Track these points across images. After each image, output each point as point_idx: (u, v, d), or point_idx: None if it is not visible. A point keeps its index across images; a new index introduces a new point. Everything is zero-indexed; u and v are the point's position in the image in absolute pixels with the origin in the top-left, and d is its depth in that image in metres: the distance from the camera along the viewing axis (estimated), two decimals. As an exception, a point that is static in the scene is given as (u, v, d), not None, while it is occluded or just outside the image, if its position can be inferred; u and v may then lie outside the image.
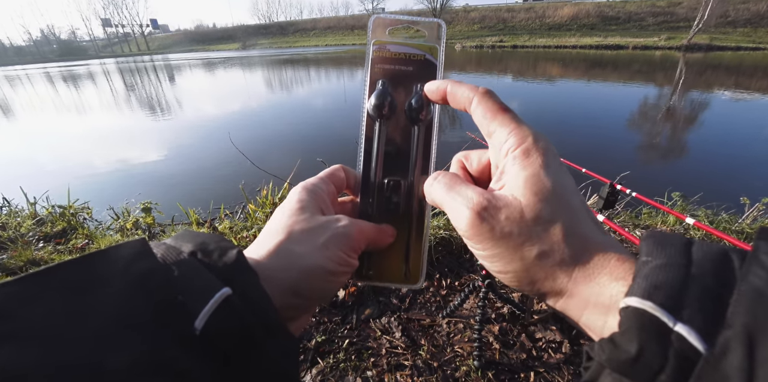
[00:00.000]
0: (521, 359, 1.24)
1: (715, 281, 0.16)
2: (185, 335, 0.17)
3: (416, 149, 0.32)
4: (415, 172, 0.32)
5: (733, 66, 15.99)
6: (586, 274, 0.20)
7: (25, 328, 0.14)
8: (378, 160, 0.32)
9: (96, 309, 0.16)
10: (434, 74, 0.32)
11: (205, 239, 0.23)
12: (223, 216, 2.56)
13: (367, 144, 0.32)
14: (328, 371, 1.21)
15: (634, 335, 0.16)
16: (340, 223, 0.27)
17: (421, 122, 0.31)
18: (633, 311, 0.16)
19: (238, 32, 74.05)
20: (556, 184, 0.22)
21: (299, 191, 0.29)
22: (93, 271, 0.17)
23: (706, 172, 4.19)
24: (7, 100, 13.05)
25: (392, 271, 0.32)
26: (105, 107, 10.77)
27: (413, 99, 0.31)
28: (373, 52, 0.32)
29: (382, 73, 0.32)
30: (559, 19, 39.67)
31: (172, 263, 0.20)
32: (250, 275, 0.21)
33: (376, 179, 0.32)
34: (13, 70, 36.72)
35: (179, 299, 0.18)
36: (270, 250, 0.25)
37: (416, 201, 0.32)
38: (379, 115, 0.31)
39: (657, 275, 0.17)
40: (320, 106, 9.13)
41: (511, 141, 0.24)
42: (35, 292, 0.16)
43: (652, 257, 0.18)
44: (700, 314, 0.15)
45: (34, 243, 2.20)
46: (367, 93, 0.31)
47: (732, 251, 0.17)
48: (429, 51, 0.32)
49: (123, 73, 25.03)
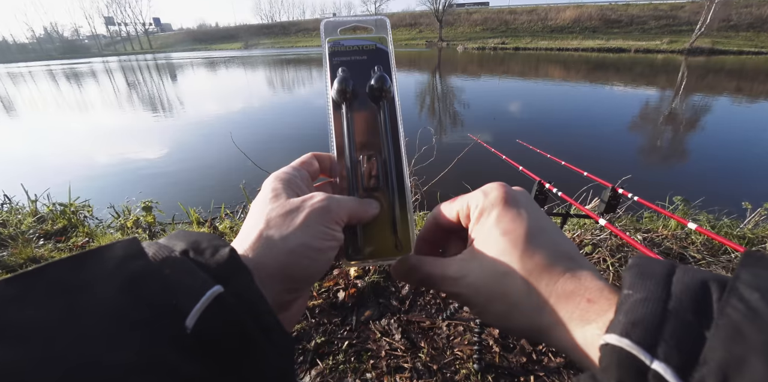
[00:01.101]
0: (521, 362, 1.24)
1: (693, 316, 0.16)
2: (177, 334, 0.17)
3: (384, 124, 0.33)
4: (389, 146, 0.33)
5: (735, 70, 15.99)
6: (560, 319, 0.21)
7: (14, 328, 0.14)
8: (350, 140, 0.33)
9: (86, 309, 0.16)
10: (387, 59, 0.34)
11: (198, 237, 0.23)
12: (223, 215, 2.56)
13: (336, 129, 0.33)
14: (328, 372, 1.21)
15: (613, 373, 0.16)
16: (315, 199, 0.28)
17: (384, 99, 0.33)
18: (611, 349, 0.16)
19: (241, 32, 74.24)
20: (506, 235, 0.24)
21: (272, 181, 0.29)
22: (83, 270, 0.17)
23: (708, 176, 4.19)
24: (10, 98, 13.07)
25: (383, 245, 0.32)
26: (107, 105, 10.79)
27: (373, 79, 0.33)
28: (329, 48, 0.34)
29: (340, 64, 0.34)
30: (561, 22, 39.70)
31: (164, 262, 0.19)
32: (242, 273, 0.21)
33: (351, 158, 0.33)
34: (16, 68, 36.79)
35: (171, 298, 0.18)
36: (253, 241, 0.25)
37: (394, 172, 0.33)
38: (343, 98, 0.33)
39: (636, 310, 0.17)
40: (321, 105, 9.14)
41: (473, 207, 0.27)
42: (25, 292, 0.16)
43: (633, 289, 0.18)
44: (676, 351, 0.15)
45: (35, 240, 2.20)
46: (329, 83, 0.33)
47: (712, 281, 0.17)
48: (379, 40, 0.35)
49: (125, 72, 25.09)
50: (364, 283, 1.59)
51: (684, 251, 1.68)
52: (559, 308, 0.21)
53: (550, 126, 6.53)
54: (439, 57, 26.75)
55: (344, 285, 1.60)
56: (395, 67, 0.35)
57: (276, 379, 0.20)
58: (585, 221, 1.94)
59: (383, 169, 0.33)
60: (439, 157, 2.33)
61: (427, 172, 2.20)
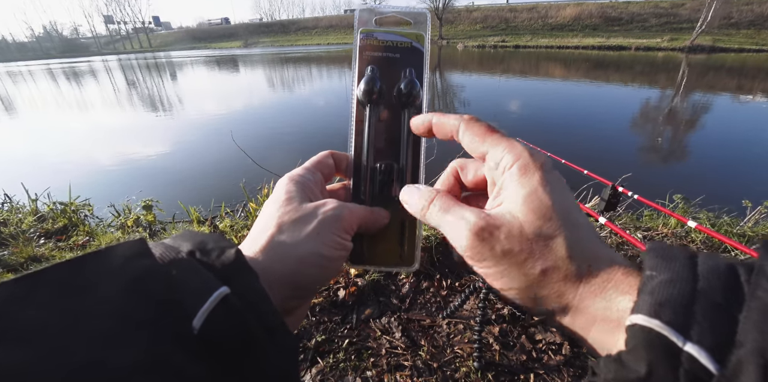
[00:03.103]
0: (521, 360, 1.24)
1: (723, 297, 0.16)
2: (183, 335, 0.17)
3: (407, 133, 0.32)
4: (407, 155, 0.32)
5: (736, 68, 15.95)
6: (593, 289, 0.20)
7: (17, 328, 0.14)
8: (369, 145, 0.32)
9: (91, 309, 0.16)
10: (421, 60, 0.32)
11: (204, 238, 0.22)
12: (224, 214, 2.56)
13: (357, 129, 0.32)
14: (328, 370, 1.21)
15: (642, 355, 0.15)
16: (328, 206, 0.27)
17: (411, 106, 0.32)
18: (640, 330, 0.16)
19: (240, 30, 74.01)
20: (555, 201, 0.22)
21: (285, 183, 0.29)
22: (89, 271, 0.17)
23: (708, 174, 4.19)
24: (9, 96, 13.05)
25: (387, 254, 0.32)
26: (107, 104, 10.78)
27: (402, 84, 0.31)
28: (360, 40, 0.32)
29: (370, 60, 0.32)
30: (561, 20, 39.57)
31: (170, 263, 0.19)
32: (248, 274, 0.21)
33: (367, 164, 0.32)
34: (15, 66, 36.71)
35: (177, 298, 0.18)
36: (263, 245, 0.25)
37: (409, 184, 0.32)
38: (368, 100, 0.31)
39: (663, 290, 0.16)
40: (322, 104, 9.13)
41: (507, 158, 0.24)
42: (29, 292, 0.15)
43: (657, 271, 0.17)
44: (710, 333, 0.15)
45: (35, 240, 2.21)
46: (356, 80, 0.32)
47: (738, 265, 0.17)
48: (416, 39, 0.32)
49: (125, 70, 25.04)
50: (365, 281, 1.59)
51: (684, 249, 1.68)
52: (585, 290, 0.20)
53: (550, 124, 6.52)
54: (439, 55, 26.69)
55: (344, 283, 1.60)
56: (428, 71, 0.32)
57: (279, 379, 0.20)
58: (585, 220, 1.94)
59: (399, 179, 0.32)
60: (439, 155, 2.32)
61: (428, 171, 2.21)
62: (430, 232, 1.79)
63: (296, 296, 0.25)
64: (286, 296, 0.24)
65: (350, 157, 0.32)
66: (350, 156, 0.32)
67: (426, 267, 1.67)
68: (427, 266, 1.68)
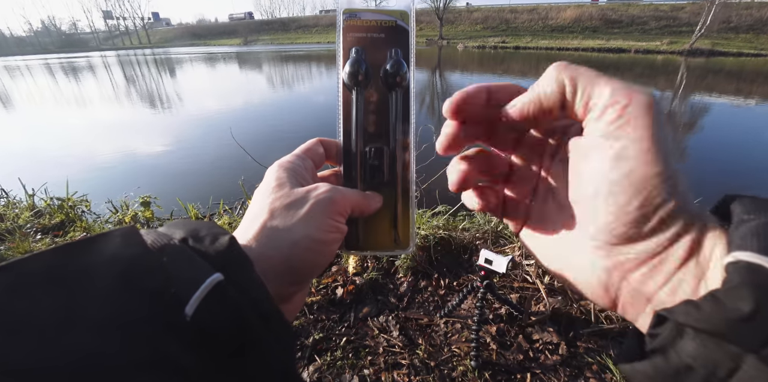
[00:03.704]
0: (518, 360, 1.25)
1: None
2: (176, 322, 0.17)
3: (395, 115, 0.31)
4: (396, 138, 0.31)
5: (735, 72, 16.02)
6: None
7: (12, 321, 0.14)
8: (357, 129, 0.31)
9: (83, 298, 0.16)
10: (407, 40, 0.31)
11: (197, 226, 0.22)
12: (222, 212, 2.55)
13: (345, 113, 0.32)
14: (325, 368, 1.21)
15: (748, 293, 0.14)
16: (320, 190, 0.27)
17: (399, 87, 0.31)
18: (746, 267, 0.15)
19: (240, 27, 73.73)
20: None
21: (275, 170, 0.29)
22: (80, 258, 0.17)
23: (707, 177, 4.21)
24: (7, 91, 12.97)
25: (382, 238, 0.32)
26: (105, 99, 10.72)
27: (388, 64, 0.31)
28: (343, 21, 0.31)
29: (355, 41, 0.31)
30: (561, 21, 39.63)
31: (162, 250, 0.19)
32: (242, 261, 0.21)
33: (357, 148, 0.31)
34: (13, 61, 36.48)
35: (168, 285, 0.17)
36: (256, 231, 0.25)
37: (400, 167, 0.32)
38: (355, 83, 0.31)
39: (765, 231, 0.15)
40: (321, 101, 9.11)
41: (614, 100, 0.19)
42: (18, 281, 0.15)
43: (755, 215, 0.16)
44: None
45: (32, 235, 2.20)
46: (342, 62, 0.31)
47: None
48: (400, 17, 0.31)
49: (123, 66, 24.91)
50: (363, 280, 1.59)
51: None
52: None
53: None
54: (440, 55, 26.69)
55: (342, 282, 1.60)
56: (414, 50, 0.32)
57: (274, 365, 0.20)
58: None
59: (389, 162, 0.32)
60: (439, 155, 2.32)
61: (427, 170, 2.21)
62: (429, 231, 1.79)
63: (292, 282, 0.25)
64: (282, 282, 0.24)
65: (340, 144, 0.32)
66: (339, 142, 0.32)
67: (424, 266, 1.68)
68: (425, 265, 1.68)
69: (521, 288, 1.55)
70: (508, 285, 1.57)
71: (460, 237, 1.83)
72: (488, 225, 1.91)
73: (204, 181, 3.97)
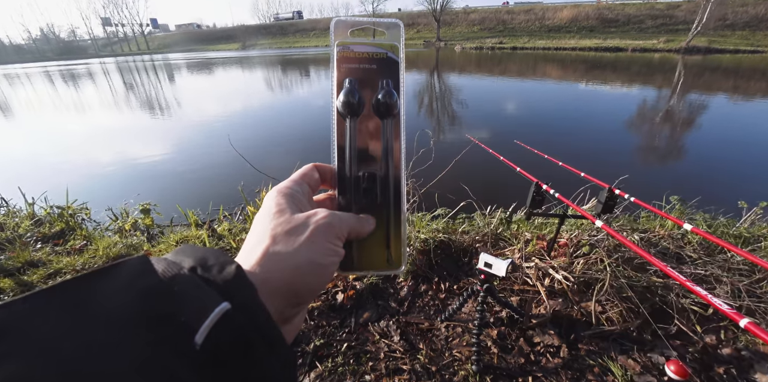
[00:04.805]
0: (519, 363, 1.24)
1: None
2: (186, 350, 0.18)
3: (387, 141, 0.33)
4: (388, 162, 0.33)
5: (732, 69, 16.04)
6: None
7: (30, 346, 0.15)
8: (352, 155, 0.33)
9: (96, 324, 0.17)
10: (397, 71, 0.33)
11: (205, 254, 0.23)
12: (222, 218, 2.55)
13: (339, 141, 0.33)
14: (327, 374, 1.21)
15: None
16: (319, 215, 0.28)
17: (390, 116, 0.33)
18: None
19: (238, 32, 73.98)
20: None
21: (275, 196, 0.30)
22: (95, 287, 0.18)
23: (705, 175, 4.21)
24: (6, 99, 13.01)
25: (376, 259, 0.33)
26: (104, 106, 10.75)
27: (380, 94, 0.32)
28: (337, 53, 0.33)
29: (348, 72, 0.33)
30: (558, 21, 39.74)
31: (173, 279, 0.20)
32: (248, 290, 0.22)
33: (351, 174, 0.33)
34: (12, 69, 36.60)
35: (179, 314, 0.18)
36: (259, 257, 0.26)
37: (392, 190, 0.33)
38: (348, 112, 0.32)
39: None
40: (320, 105, 9.13)
41: None
42: (37, 308, 0.16)
43: None
44: None
45: (32, 244, 2.20)
46: (335, 92, 0.33)
47: None
48: (390, 49, 0.33)
49: (122, 72, 24.99)
50: (363, 285, 1.59)
51: (680, 250, 1.68)
52: None
53: (548, 126, 6.54)
54: (437, 57, 26.75)
55: (343, 287, 1.60)
56: (404, 80, 0.34)
57: None
58: (582, 222, 1.95)
59: (382, 186, 0.33)
60: (437, 158, 2.33)
61: (425, 174, 2.21)
62: (428, 235, 1.79)
63: (294, 304, 0.26)
64: (284, 305, 0.25)
65: (334, 169, 0.34)
66: (334, 167, 0.34)
67: (424, 270, 1.68)
68: (425, 269, 1.68)
69: (521, 291, 1.54)
70: (509, 288, 1.56)
71: (459, 240, 1.83)
72: (487, 228, 1.91)
73: (203, 187, 3.98)
